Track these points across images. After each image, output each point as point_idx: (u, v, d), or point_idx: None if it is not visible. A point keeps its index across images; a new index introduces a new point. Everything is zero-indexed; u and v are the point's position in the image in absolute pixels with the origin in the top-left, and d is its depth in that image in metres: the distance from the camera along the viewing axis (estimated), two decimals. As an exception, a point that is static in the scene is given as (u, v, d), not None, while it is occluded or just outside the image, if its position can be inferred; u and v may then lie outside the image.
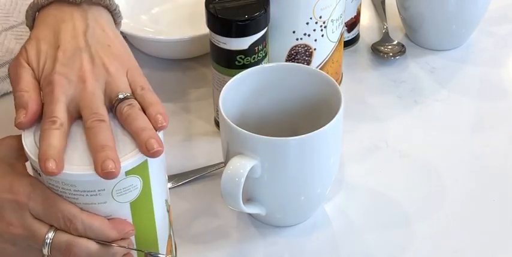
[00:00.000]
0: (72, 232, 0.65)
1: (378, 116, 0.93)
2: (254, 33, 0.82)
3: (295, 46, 0.87)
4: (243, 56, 0.83)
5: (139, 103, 0.68)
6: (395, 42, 1.01)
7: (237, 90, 0.78)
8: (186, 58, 0.99)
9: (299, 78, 0.79)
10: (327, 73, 0.79)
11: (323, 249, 0.79)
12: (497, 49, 1.02)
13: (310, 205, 0.80)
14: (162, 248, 0.72)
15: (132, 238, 0.68)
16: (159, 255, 0.70)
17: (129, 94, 0.68)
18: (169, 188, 0.84)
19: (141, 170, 0.66)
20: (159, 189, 0.69)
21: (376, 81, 0.97)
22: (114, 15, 0.76)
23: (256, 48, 0.83)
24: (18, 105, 0.67)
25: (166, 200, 0.71)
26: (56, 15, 0.73)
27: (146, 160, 0.65)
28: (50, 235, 0.65)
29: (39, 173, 0.66)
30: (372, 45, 1.01)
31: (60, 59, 0.69)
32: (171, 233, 0.74)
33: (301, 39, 0.87)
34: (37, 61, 0.69)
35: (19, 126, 0.66)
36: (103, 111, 0.66)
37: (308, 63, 0.89)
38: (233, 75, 0.78)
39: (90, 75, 0.68)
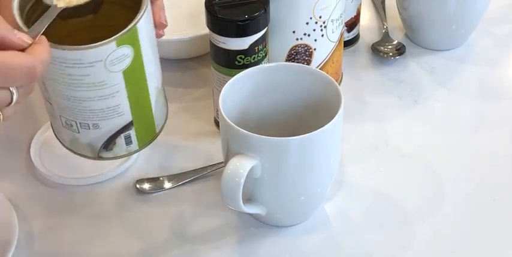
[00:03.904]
0: None
1: (378, 116, 0.93)
2: (254, 33, 0.82)
3: (295, 46, 0.87)
4: (243, 56, 0.83)
5: None
6: (395, 42, 1.01)
7: (237, 90, 0.77)
8: (186, 58, 0.99)
9: (299, 78, 0.79)
10: (327, 73, 0.79)
11: (323, 249, 0.79)
12: (497, 49, 1.02)
13: (310, 205, 0.80)
14: (157, 115, 0.75)
15: (128, 107, 0.71)
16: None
17: None
18: (169, 188, 0.85)
19: (131, 39, 0.68)
20: (150, 57, 0.71)
21: (376, 81, 0.97)
22: None
23: (256, 48, 0.83)
24: None
25: (159, 76, 0.74)
26: None
27: (136, 28, 0.67)
28: None
29: None
30: (372, 45, 1.01)
31: None
32: (166, 102, 0.77)
33: (301, 39, 0.87)
34: None
35: None
36: None
37: (308, 63, 0.89)
38: (233, 75, 0.78)
39: None
